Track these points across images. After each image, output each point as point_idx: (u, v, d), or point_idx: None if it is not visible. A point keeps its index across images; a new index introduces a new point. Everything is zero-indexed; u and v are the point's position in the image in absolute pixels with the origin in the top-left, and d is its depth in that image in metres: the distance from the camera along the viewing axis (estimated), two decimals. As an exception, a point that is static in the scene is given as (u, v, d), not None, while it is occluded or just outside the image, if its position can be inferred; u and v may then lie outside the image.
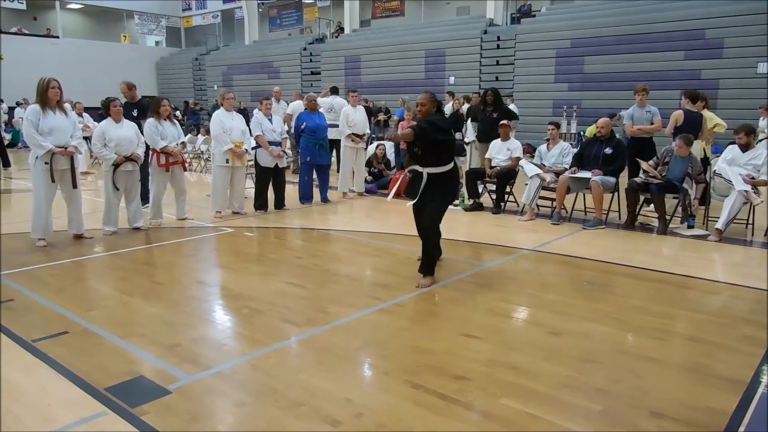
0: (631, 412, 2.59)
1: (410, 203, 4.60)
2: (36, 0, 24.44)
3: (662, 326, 3.65)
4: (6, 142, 13.53)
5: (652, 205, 6.61)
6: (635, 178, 6.49)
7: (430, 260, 4.57)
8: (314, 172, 8.30)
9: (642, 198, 6.64)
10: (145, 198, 6.93)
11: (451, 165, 4.55)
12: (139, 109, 7.35)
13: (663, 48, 13.95)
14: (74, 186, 5.74)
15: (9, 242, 5.89)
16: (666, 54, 13.90)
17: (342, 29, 23.48)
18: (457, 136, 11.31)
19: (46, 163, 5.50)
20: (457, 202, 8.06)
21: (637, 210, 6.68)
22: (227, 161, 6.98)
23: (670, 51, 13.84)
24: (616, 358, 3.18)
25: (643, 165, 6.50)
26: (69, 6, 27.11)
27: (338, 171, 9.25)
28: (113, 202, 6.17)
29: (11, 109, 19.52)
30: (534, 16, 17.68)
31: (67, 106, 5.82)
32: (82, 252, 5.52)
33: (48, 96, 5.47)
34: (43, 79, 5.50)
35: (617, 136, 7.13)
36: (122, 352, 3.24)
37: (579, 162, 6.94)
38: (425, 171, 4.46)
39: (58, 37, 25.58)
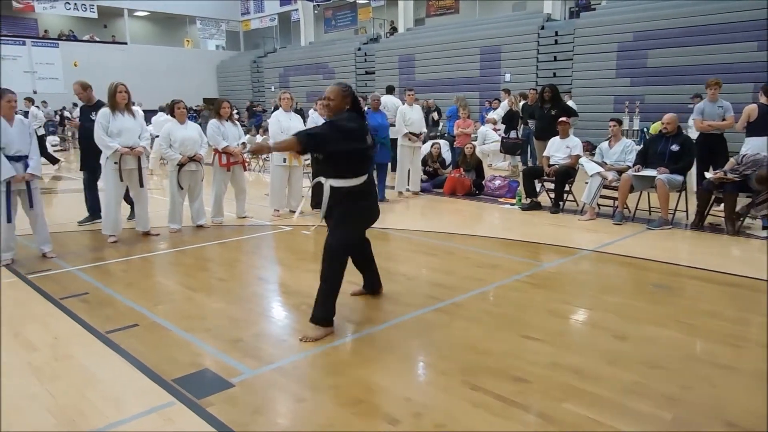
0: (704, 422, 2.47)
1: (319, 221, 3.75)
2: (106, 8, 25.70)
3: (736, 332, 3.47)
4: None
5: (722, 205, 6.28)
6: (710, 178, 6.16)
7: (320, 302, 3.48)
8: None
9: (713, 197, 6.32)
10: (95, 211, 6.74)
11: (358, 181, 3.52)
12: (97, 112, 6.27)
13: (734, 39, 13.22)
14: (141, 185, 6.00)
15: (82, 238, 6.22)
16: (738, 45, 13.17)
17: (396, 28, 23.52)
18: (512, 134, 11.17)
19: (115, 162, 5.77)
20: (513, 201, 7.94)
21: (707, 210, 6.37)
22: (285, 160, 7.12)
23: (743, 42, 13.11)
24: (687, 364, 3.04)
25: (711, 177, 6.16)
26: (136, 13, 28.34)
27: (393, 170, 9.27)
28: (178, 201, 6.40)
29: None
30: (594, 9, 17.15)
31: (136, 109, 6.08)
32: (149, 248, 5.76)
33: (117, 100, 5.74)
34: (113, 84, 5.78)
35: (684, 132, 6.83)
36: (188, 345, 3.35)
37: (643, 159, 6.69)
38: (327, 183, 3.53)
39: (126, 43, 26.81)
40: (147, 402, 2.69)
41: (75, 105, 22.15)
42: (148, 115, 12.43)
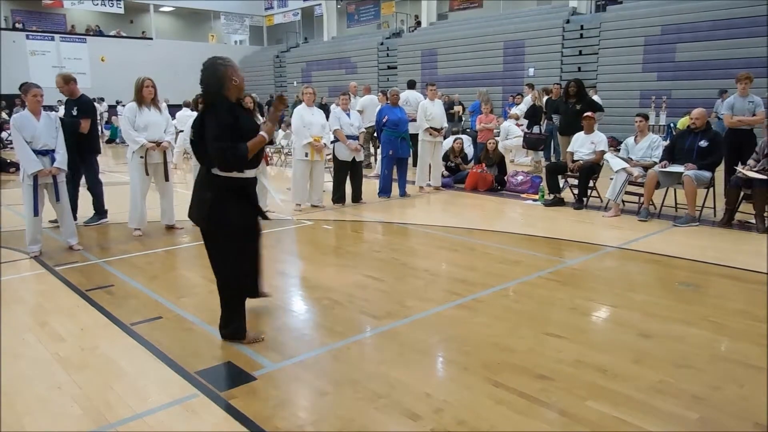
0: (733, 423, 2.42)
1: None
2: (132, 3, 26.06)
3: (765, 332, 3.37)
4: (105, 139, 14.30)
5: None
6: (738, 174, 6.02)
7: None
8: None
9: (742, 194, 6.17)
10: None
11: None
12: (80, 107, 6.25)
13: (765, 32, 12.88)
14: (166, 179, 6.07)
15: (109, 231, 6.32)
16: (769, 39, 12.85)
17: (419, 23, 23.42)
18: (535, 129, 11.05)
19: (141, 157, 5.85)
20: (536, 196, 7.85)
21: (736, 207, 6.22)
22: (306, 155, 7.14)
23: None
24: (714, 364, 2.98)
25: (744, 172, 6.01)
26: (162, 9, 28.68)
27: (414, 165, 9.24)
28: (201, 195, 6.45)
29: (111, 108, 20.94)
30: (621, 2, 16.87)
31: (163, 105, 6.13)
32: (173, 242, 5.83)
33: (143, 94, 5.80)
34: (140, 79, 5.84)
35: (713, 127, 6.68)
36: (211, 338, 3.38)
37: (670, 155, 6.56)
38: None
39: (151, 38, 27.17)
40: (171, 394, 2.72)
41: (102, 99, 22.54)
42: (173, 109, 12.57)
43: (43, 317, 3.74)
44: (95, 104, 6.74)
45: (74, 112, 6.28)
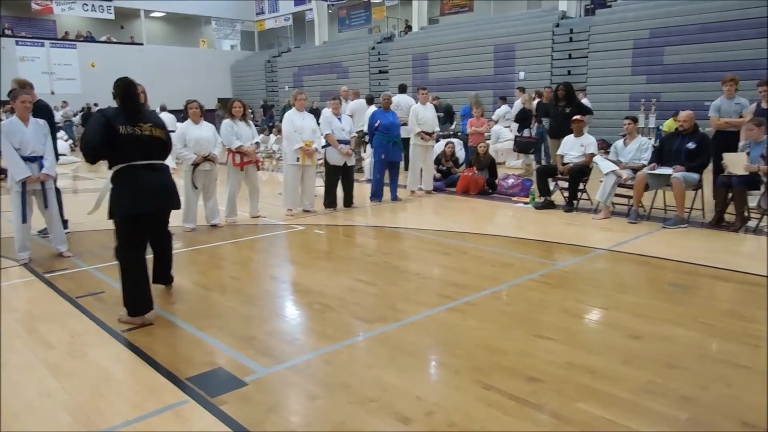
0: (721, 422, 2.44)
1: None
2: (123, 9, 25.99)
3: (754, 332, 3.41)
4: None
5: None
6: (723, 174, 6.09)
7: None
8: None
9: (730, 195, 6.23)
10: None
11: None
12: (35, 111, 5.59)
13: (752, 35, 13.02)
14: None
15: (99, 238, 6.28)
16: (758, 42, 12.96)
17: (410, 27, 23.50)
18: (525, 132, 11.11)
19: (132, 163, 5.82)
20: (527, 199, 7.89)
21: (725, 207, 6.28)
22: (298, 160, 7.14)
23: (761, 38, 12.90)
24: (703, 364, 3.00)
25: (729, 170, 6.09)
26: (152, 14, 28.61)
27: (406, 169, 9.26)
28: (192, 201, 6.45)
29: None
30: (610, 6, 16.99)
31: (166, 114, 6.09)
32: (164, 247, 5.79)
33: (134, 99, 5.77)
34: (130, 84, 5.81)
35: (700, 129, 6.74)
36: (202, 344, 3.38)
37: (659, 158, 6.62)
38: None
39: (142, 44, 27.08)
40: (161, 400, 2.71)
41: (96, 105, 22.40)
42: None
43: (33, 324, 3.71)
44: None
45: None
